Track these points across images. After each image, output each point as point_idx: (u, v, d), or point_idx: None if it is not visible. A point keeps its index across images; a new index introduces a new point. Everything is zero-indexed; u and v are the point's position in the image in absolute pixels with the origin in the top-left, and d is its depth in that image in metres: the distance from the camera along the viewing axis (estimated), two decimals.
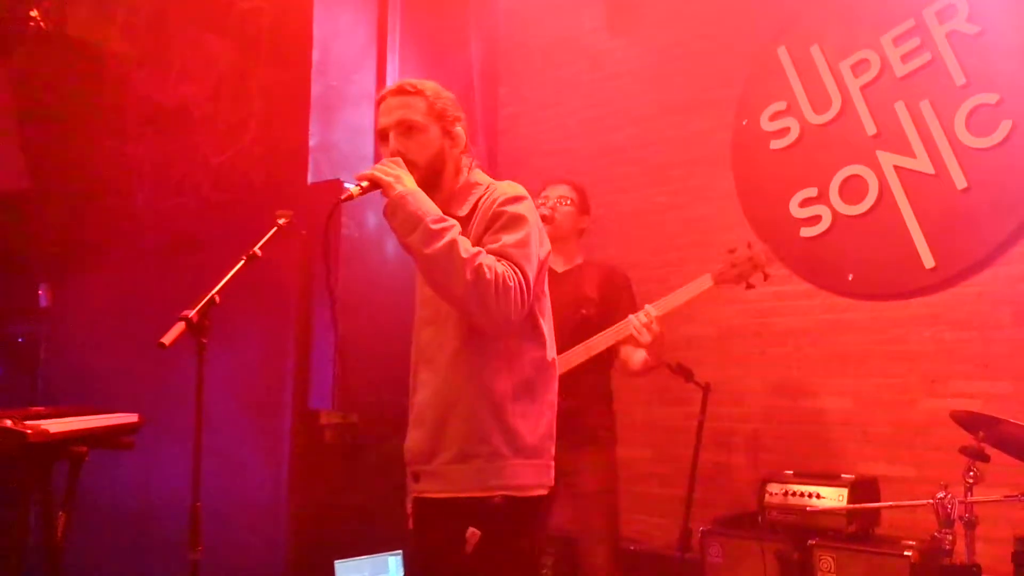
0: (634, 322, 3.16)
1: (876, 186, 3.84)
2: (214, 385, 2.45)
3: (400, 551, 3.82)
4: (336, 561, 3.71)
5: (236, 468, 3.87)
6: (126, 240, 4.73)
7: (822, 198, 3.99)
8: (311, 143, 4.19)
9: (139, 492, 4.22)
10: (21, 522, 3.00)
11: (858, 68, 3.94)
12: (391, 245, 3.94)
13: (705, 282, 3.23)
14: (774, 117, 4.19)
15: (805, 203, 4.05)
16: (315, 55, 4.24)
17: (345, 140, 4.37)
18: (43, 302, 5.00)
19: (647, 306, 3.19)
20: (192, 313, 2.34)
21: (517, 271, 2.02)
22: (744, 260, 3.23)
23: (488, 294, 1.95)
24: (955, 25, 3.68)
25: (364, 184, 2.08)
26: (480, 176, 2.27)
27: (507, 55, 5.21)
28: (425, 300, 2.21)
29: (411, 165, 2.13)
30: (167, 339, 2.27)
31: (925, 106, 3.72)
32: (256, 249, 2.58)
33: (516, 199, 2.14)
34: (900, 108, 3.79)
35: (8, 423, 2.55)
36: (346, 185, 2.07)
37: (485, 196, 2.18)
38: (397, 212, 2.02)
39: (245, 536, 3.90)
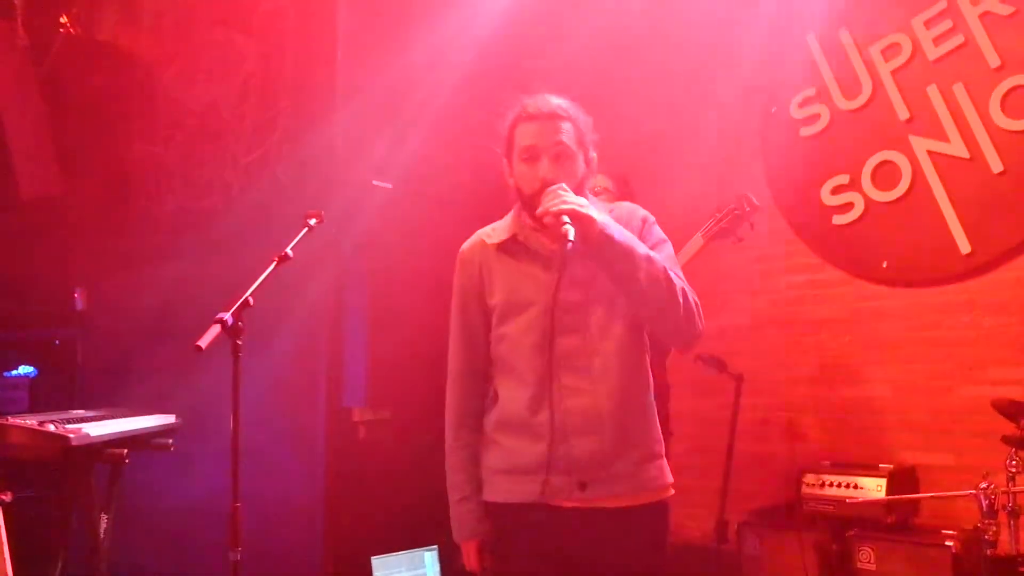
0: None
1: (909, 172, 3.79)
2: (248, 385, 2.46)
3: (435, 546, 3.83)
4: (373, 557, 3.72)
5: (272, 467, 3.89)
6: (159, 242, 4.76)
7: (854, 185, 3.95)
8: (338, 141, 4.20)
9: (177, 492, 4.26)
10: (64, 524, 3.05)
11: (888, 52, 3.89)
12: (416, 241, 3.96)
13: (696, 242, 3.32)
14: (804, 104, 4.14)
15: (837, 190, 4.00)
16: (340, 52, 4.24)
17: (372, 137, 4.37)
18: (79, 305, 5.05)
19: None
20: (227, 316, 2.36)
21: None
22: (727, 213, 3.33)
23: (693, 312, 2.03)
24: (988, 6, 3.62)
25: (570, 223, 1.90)
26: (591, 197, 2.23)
27: (537, 48, 5.16)
28: (565, 308, 2.08)
29: None
30: (203, 342, 2.28)
31: (959, 89, 3.67)
32: (288, 250, 2.60)
33: (652, 220, 2.24)
34: (933, 92, 3.73)
35: (51, 428, 2.59)
36: (565, 227, 1.87)
37: (613, 211, 2.18)
38: (605, 249, 1.96)
39: (282, 533, 3.92)
